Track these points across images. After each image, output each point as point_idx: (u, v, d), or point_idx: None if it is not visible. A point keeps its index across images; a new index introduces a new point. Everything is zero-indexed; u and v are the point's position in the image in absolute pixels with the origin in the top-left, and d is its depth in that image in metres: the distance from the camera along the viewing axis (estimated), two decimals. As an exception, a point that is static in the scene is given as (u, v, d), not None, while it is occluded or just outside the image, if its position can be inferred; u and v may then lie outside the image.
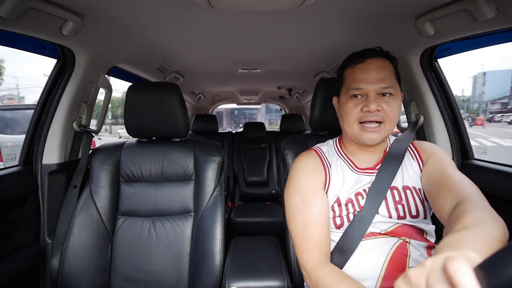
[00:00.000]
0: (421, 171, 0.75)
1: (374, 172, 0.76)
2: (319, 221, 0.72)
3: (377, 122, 0.70)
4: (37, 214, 1.10)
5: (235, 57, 1.58)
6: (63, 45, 1.03)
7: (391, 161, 0.75)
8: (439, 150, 0.77)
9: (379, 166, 0.76)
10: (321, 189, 0.76)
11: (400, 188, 0.73)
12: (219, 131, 2.76)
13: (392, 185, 0.73)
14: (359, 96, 0.71)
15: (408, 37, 1.05)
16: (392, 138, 0.84)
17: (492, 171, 0.98)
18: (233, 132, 2.80)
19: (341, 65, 0.79)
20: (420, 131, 1.24)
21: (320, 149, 0.84)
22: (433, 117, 1.17)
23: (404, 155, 0.77)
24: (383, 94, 0.70)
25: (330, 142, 0.87)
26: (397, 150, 0.77)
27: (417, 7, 0.87)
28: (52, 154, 1.12)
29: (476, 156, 1.16)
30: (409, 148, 0.80)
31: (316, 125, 1.02)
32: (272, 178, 2.47)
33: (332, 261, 0.72)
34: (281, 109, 4.49)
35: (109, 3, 0.85)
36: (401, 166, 0.75)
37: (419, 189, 0.73)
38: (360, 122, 0.71)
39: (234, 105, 4.44)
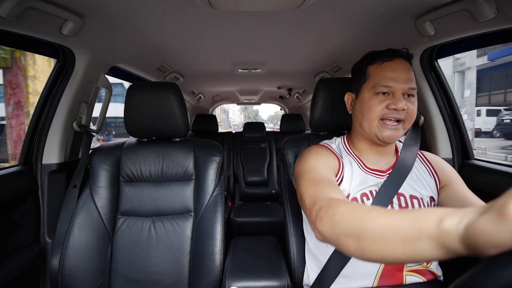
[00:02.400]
0: (437, 190, 0.76)
1: (383, 176, 0.76)
2: (335, 184, 0.67)
3: (398, 120, 0.70)
4: (37, 214, 1.10)
5: (235, 57, 1.58)
6: (63, 45, 1.03)
7: (401, 169, 0.75)
8: (455, 172, 0.78)
9: (389, 171, 0.76)
10: (334, 177, 0.72)
11: (407, 196, 0.73)
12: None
13: (398, 191, 0.73)
14: (384, 94, 0.71)
15: (408, 37, 1.05)
16: (399, 144, 0.84)
17: (492, 171, 0.98)
18: (233, 132, 2.80)
19: (363, 61, 0.77)
20: (420, 131, 1.24)
21: (328, 144, 0.83)
22: (433, 117, 1.17)
23: (414, 162, 0.77)
24: (408, 95, 0.71)
25: (338, 139, 0.86)
26: (407, 158, 0.77)
27: (417, 7, 0.87)
28: (52, 154, 1.12)
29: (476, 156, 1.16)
30: (419, 157, 0.80)
31: (316, 125, 1.02)
32: (272, 178, 2.47)
33: (332, 261, 0.72)
34: (281, 109, 4.49)
35: (109, 3, 0.85)
36: (410, 174, 0.75)
37: (427, 202, 0.74)
38: (381, 119, 0.71)
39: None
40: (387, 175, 0.75)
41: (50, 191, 1.13)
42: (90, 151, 1.09)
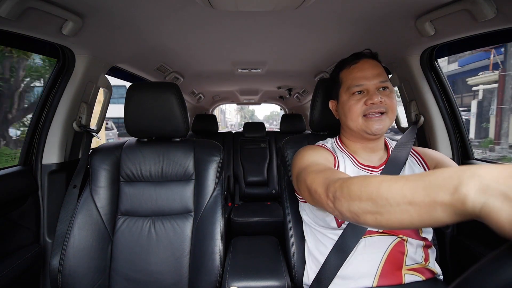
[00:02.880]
0: None
1: (376, 171, 0.77)
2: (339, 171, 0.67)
3: (381, 113, 0.73)
4: (37, 214, 1.10)
5: (235, 57, 1.58)
6: (63, 45, 1.03)
7: (394, 165, 0.76)
8: (445, 156, 0.79)
9: (382, 167, 0.77)
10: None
11: None
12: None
13: None
14: (360, 93, 0.75)
15: (408, 37, 1.05)
16: (393, 143, 0.85)
17: None
18: (233, 132, 2.80)
19: (335, 69, 0.83)
20: (420, 131, 1.24)
21: (323, 144, 0.85)
22: (433, 117, 1.17)
23: (407, 159, 0.78)
24: (383, 89, 0.75)
25: (330, 140, 0.88)
26: (400, 154, 0.78)
27: (417, 7, 0.87)
28: (52, 154, 1.12)
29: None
30: (411, 153, 0.82)
31: (316, 125, 1.02)
32: (272, 178, 2.47)
33: (330, 260, 0.72)
34: (281, 109, 4.49)
35: (109, 3, 0.85)
36: (403, 169, 0.76)
37: None
38: (364, 115, 0.74)
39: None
40: (381, 171, 0.76)
41: (50, 191, 1.13)
42: (90, 151, 1.09)
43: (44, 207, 1.12)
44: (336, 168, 0.76)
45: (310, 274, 0.80)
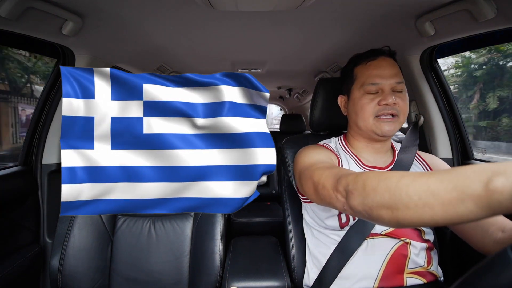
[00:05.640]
0: None
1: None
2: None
3: (392, 115, 0.71)
4: (37, 214, 1.10)
5: (235, 57, 1.58)
6: (63, 45, 1.03)
7: (401, 168, 0.75)
8: (447, 166, 0.80)
9: (388, 168, 0.76)
10: None
11: None
12: None
13: None
14: (375, 92, 0.73)
15: (408, 37, 1.05)
16: (397, 145, 0.84)
17: None
18: None
19: (350, 63, 0.80)
20: (420, 131, 1.24)
21: (327, 144, 0.84)
22: (433, 117, 1.17)
23: (412, 163, 0.77)
24: (397, 91, 0.73)
25: (335, 139, 0.87)
26: (405, 158, 0.78)
27: (417, 7, 0.87)
28: (52, 154, 1.12)
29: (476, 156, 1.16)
30: (416, 157, 0.82)
31: (316, 125, 1.02)
32: (272, 178, 2.47)
33: (332, 261, 0.72)
34: (281, 109, 4.49)
35: (109, 3, 0.85)
36: None
37: None
38: (376, 116, 0.72)
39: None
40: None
41: (50, 191, 1.13)
42: None
43: (44, 207, 1.12)
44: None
45: (311, 274, 0.80)
